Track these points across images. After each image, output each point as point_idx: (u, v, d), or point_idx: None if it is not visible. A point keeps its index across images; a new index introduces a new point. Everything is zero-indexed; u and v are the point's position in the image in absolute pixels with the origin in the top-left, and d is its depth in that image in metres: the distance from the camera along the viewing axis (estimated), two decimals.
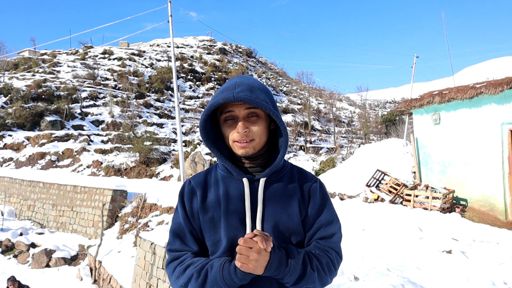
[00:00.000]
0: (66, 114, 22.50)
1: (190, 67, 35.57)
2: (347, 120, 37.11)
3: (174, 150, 19.38)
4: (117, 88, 28.30)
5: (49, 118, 21.42)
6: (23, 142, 19.89)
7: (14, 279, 6.25)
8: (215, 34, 51.49)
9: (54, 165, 18.25)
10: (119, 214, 10.64)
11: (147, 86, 29.88)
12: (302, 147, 23.29)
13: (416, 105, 9.14)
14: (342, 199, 9.97)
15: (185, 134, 23.21)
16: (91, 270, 9.11)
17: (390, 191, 9.22)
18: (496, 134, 7.44)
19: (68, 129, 21.74)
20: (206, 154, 17.31)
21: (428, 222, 6.73)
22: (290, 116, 29.15)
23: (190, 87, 32.84)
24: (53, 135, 20.14)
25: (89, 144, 19.98)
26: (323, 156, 20.22)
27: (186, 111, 27.57)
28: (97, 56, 34.18)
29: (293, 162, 18.41)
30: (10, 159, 18.84)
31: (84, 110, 23.89)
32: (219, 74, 36.21)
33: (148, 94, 28.83)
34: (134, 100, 26.75)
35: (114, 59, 33.92)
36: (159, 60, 36.21)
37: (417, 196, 8.13)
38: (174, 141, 21.49)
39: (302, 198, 1.24)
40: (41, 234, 11.39)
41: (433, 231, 6.10)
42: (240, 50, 48.45)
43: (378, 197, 9.23)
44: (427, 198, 7.89)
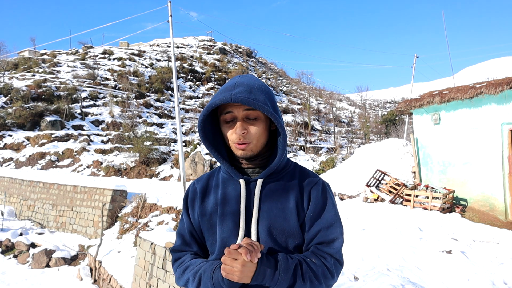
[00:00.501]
0: (66, 114, 22.50)
1: (190, 67, 35.57)
2: (347, 120, 37.10)
3: (174, 150, 19.38)
4: (117, 88, 28.30)
5: (49, 118, 21.42)
6: (23, 142, 19.89)
7: None
8: (215, 34, 51.57)
9: (54, 165, 18.25)
10: (119, 214, 10.64)
11: (147, 86, 29.88)
12: (302, 147, 23.29)
13: (416, 105, 9.14)
14: (342, 199, 9.97)
15: (185, 134, 23.21)
16: (91, 270, 9.11)
17: (390, 191, 9.22)
18: (496, 134, 7.44)
19: (68, 129, 21.73)
20: (206, 154, 17.31)
21: (428, 222, 6.73)
22: (290, 116, 29.15)
23: (190, 87, 32.83)
24: (53, 135, 20.14)
25: (89, 144, 19.98)
26: (323, 156, 20.22)
27: (186, 111, 27.57)
28: (97, 56, 34.18)
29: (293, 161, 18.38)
30: (10, 159, 18.84)
31: (84, 110, 23.89)
32: (219, 74, 36.20)
33: (148, 94, 28.83)
34: (134, 100, 26.75)
35: (114, 59, 33.92)
36: (159, 60, 36.21)
37: (417, 196, 8.13)
38: (174, 141, 21.49)
39: (301, 199, 1.19)
40: (41, 234, 11.38)
41: (433, 231, 6.10)
42: (240, 50, 48.46)
43: (378, 197, 9.23)
44: (427, 198, 7.89)
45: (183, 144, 15.57)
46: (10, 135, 20.16)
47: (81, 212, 11.22)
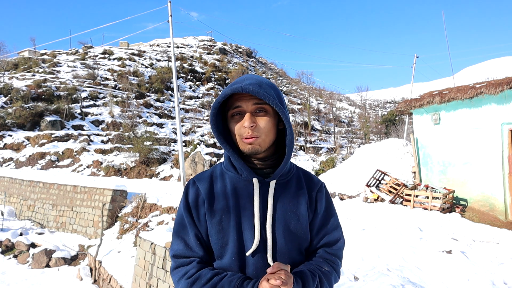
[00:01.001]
0: (66, 114, 22.50)
1: (190, 67, 35.57)
2: (347, 120, 37.10)
3: (174, 150, 19.38)
4: (117, 88, 28.30)
5: (49, 118, 21.42)
6: (23, 142, 19.89)
7: None
8: (215, 34, 51.58)
9: (54, 165, 18.25)
10: (119, 214, 10.64)
11: (147, 86, 29.88)
12: (302, 147, 23.29)
13: (416, 105, 9.14)
14: (342, 199, 9.97)
15: (185, 134, 23.21)
16: (91, 270, 9.11)
17: (390, 191, 9.22)
18: (496, 134, 7.44)
19: (68, 129, 21.73)
20: (206, 154, 17.32)
21: (428, 222, 6.73)
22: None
23: (190, 87, 32.83)
24: (53, 135, 20.14)
25: (89, 144, 19.98)
26: (323, 156, 20.22)
27: (186, 111, 27.57)
28: (97, 56, 34.18)
29: (293, 162, 18.40)
30: (10, 159, 18.84)
31: (84, 110, 23.89)
32: (219, 74, 36.20)
33: (148, 94, 28.83)
34: (134, 100, 26.75)
35: (114, 59, 33.92)
36: (159, 60, 36.21)
37: (417, 196, 8.13)
38: (174, 141, 21.49)
39: (309, 202, 1.23)
40: (41, 234, 11.38)
41: (433, 231, 6.10)
42: (240, 50, 48.46)
43: (378, 197, 9.23)
44: (427, 198, 7.89)
45: (183, 144, 15.57)
46: (10, 135, 20.16)
47: (81, 212, 11.22)
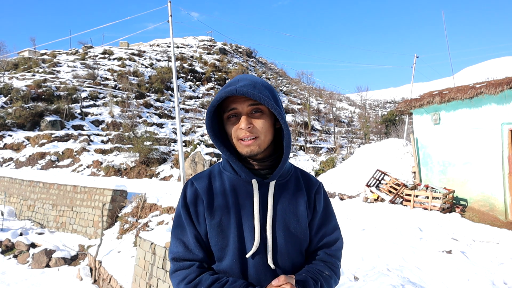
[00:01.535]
0: (66, 114, 22.50)
1: (190, 67, 35.57)
2: (347, 120, 37.09)
3: (174, 150, 19.38)
4: (117, 88, 28.30)
5: (49, 118, 21.42)
6: (23, 142, 19.89)
7: None
8: (215, 34, 51.58)
9: (54, 165, 18.25)
10: (119, 214, 10.64)
11: (147, 86, 29.88)
12: (302, 147, 23.29)
13: (416, 105, 9.14)
14: (342, 199, 9.97)
15: (185, 134, 23.21)
16: (91, 270, 9.10)
17: (390, 191, 9.22)
18: (496, 134, 7.44)
19: (68, 129, 21.73)
20: (206, 154, 17.32)
21: (428, 222, 6.73)
22: (290, 116, 29.14)
23: (190, 87, 32.84)
24: (53, 135, 20.13)
25: (89, 144, 19.98)
26: (323, 156, 20.22)
27: (186, 111, 27.57)
28: (97, 56, 34.18)
29: (293, 162, 18.41)
30: (10, 159, 18.84)
31: (84, 110, 23.89)
32: (219, 74, 36.20)
33: (148, 94, 28.83)
34: (134, 100, 26.75)
35: (114, 59, 33.92)
36: (159, 60, 36.21)
37: (417, 196, 8.13)
38: (174, 141, 21.49)
39: (308, 202, 1.23)
40: (41, 234, 11.38)
41: (433, 231, 6.10)
42: (240, 50, 48.46)
43: (378, 197, 9.23)
44: (427, 198, 7.89)
45: (183, 144, 15.57)
46: (10, 135, 20.16)
47: (81, 212, 11.22)
